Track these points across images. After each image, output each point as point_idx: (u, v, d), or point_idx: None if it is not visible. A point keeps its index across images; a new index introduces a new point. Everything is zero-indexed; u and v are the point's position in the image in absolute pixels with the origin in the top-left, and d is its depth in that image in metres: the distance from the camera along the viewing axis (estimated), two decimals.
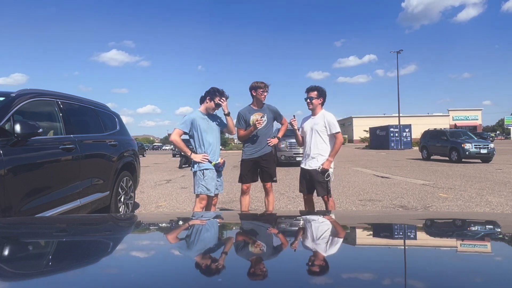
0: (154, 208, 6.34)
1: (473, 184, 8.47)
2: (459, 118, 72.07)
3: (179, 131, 3.95)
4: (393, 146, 34.38)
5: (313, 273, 0.75)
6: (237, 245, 1.04)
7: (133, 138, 6.44)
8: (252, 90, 4.32)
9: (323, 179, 3.96)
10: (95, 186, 4.46)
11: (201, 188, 3.87)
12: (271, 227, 1.33)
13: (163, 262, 0.85)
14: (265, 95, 4.32)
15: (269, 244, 1.05)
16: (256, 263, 0.82)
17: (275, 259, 0.88)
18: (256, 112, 4.34)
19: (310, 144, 4.04)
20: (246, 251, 0.97)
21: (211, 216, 1.86)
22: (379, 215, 1.95)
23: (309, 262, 0.83)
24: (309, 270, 0.76)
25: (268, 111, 4.39)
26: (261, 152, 4.34)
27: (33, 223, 1.51)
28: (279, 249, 0.99)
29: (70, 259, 0.91)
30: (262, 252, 0.95)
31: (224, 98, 3.92)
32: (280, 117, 4.54)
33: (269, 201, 4.48)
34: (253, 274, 0.73)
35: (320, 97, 4.03)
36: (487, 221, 1.42)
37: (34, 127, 3.20)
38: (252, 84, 4.33)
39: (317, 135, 4.00)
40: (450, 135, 16.76)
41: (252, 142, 4.36)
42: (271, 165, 4.42)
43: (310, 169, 4.02)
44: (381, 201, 6.52)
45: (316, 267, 0.79)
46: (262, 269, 0.77)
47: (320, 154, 3.99)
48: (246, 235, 1.21)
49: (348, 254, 0.95)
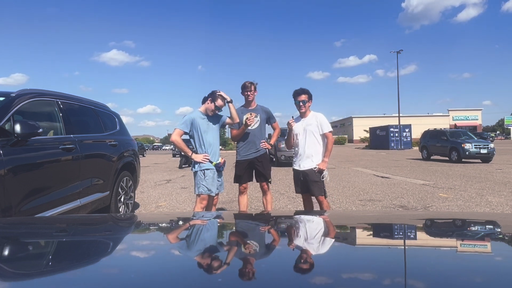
0: (154, 208, 6.34)
1: (473, 184, 8.47)
2: (459, 118, 72.07)
3: (179, 131, 3.96)
4: (393, 146, 34.37)
5: (313, 273, 0.75)
6: (237, 245, 1.04)
7: (133, 138, 6.44)
8: (241, 90, 4.36)
9: (319, 179, 3.97)
10: (95, 186, 4.46)
11: (202, 188, 3.87)
12: (270, 227, 1.33)
13: (163, 262, 0.85)
14: (252, 94, 4.32)
15: (269, 244, 1.05)
16: (256, 263, 0.82)
17: (274, 259, 0.88)
18: (248, 112, 4.36)
19: (304, 145, 4.04)
20: (246, 251, 0.97)
21: (211, 216, 1.86)
22: (379, 215, 1.95)
23: (309, 262, 0.83)
24: (309, 270, 0.76)
25: (261, 111, 4.41)
26: (256, 154, 4.35)
27: (33, 223, 1.51)
28: (279, 249, 0.99)
29: (70, 259, 0.90)
30: (262, 252, 0.95)
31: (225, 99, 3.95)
32: (273, 119, 4.56)
33: (267, 200, 4.50)
34: (253, 274, 0.73)
35: (310, 99, 4.07)
36: (487, 221, 1.42)
37: (34, 127, 3.20)
38: (241, 84, 4.37)
39: (311, 135, 4.01)
40: (450, 135, 16.75)
41: (243, 144, 4.38)
42: (266, 166, 4.43)
43: (304, 169, 4.03)
44: (381, 201, 6.52)
45: (316, 267, 0.79)
46: (262, 269, 0.77)
47: (314, 155, 4.01)
48: (246, 235, 1.21)
49: (348, 254, 0.95)
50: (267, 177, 4.43)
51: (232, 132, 4.43)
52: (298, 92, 4.07)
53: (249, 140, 4.34)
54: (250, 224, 1.44)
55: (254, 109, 4.39)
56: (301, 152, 4.07)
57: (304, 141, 4.04)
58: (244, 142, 4.37)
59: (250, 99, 4.35)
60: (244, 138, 4.35)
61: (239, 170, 4.42)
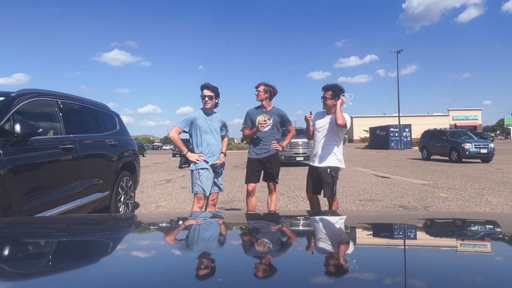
0: (154, 208, 6.34)
1: (473, 184, 8.47)
2: (459, 118, 72.06)
3: (177, 129, 3.98)
4: (393, 146, 34.36)
5: (313, 273, 0.75)
6: (237, 244, 1.04)
7: (133, 138, 6.44)
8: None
9: (331, 180, 3.91)
10: (95, 186, 4.46)
11: (196, 187, 3.89)
12: (271, 227, 1.32)
13: (163, 262, 0.85)
14: (257, 94, 4.30)
15: (269, 244, 1.05)
16: (256, 263, 0.82)
17: (274, 258, 0.88)
18: (263, 114, 4.36)
19: (322, 142, 3.95)
20: (246, 250, 0.97)
21: (211, 216, 1.86)
22: (379, 215, 1.95)
23: (308, 262, 0.83)
24: (309, 269, 0.76)
25: (275, 115, 4.39)
26: (267, 154, 4.37)
27: (33, 223, 1.51)
28: (278, 249, 0.99)
29: (70, 259, 0.90)
30: (262, 252, 0.94)
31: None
32: (287, 123, 4.55)
33: (271, 200, 4.53)
34: (253, 274, 0.73)
35: (335, 97, 3.86)
36: (487, 221, 1.42)
37: (34, 127, 3.20)
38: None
39: (330, 134, 3.91)
40: (450, 135, 16.74)
41: (255, 144, 4.41)
42: (275, 167, 4.46)
43: (319, 166, 3.95)
44: (381, 201, 6.52)
45: (315, 266, 0.79)
46: (262, 269, 0.77)
47: (330, 154, 3.93)
48: (245, 235, 1.20)
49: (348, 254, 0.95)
50: (275, 178, 4.47)
51: (245, 132, 4.50)
52: (325, 87, 3.94)
53: (258, 141, 4.37)
54: (250, 223, 1.44)
55: (269, 112, 4.38)
56: (317, 150, 4.00)
57: (322, 139, 3.95)
58: (255, 143, 4.40)
59: (257, 99, 4.35)
60: (255, 138, 4.39)
61: (250, 168, 4.45)
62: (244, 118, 4.50)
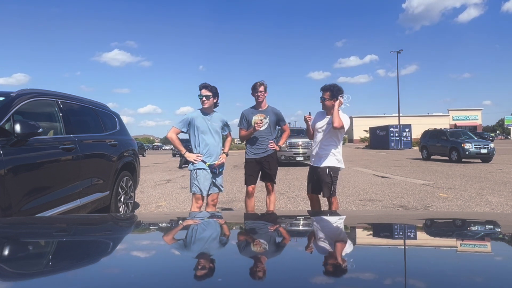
0: (154, 208, 6.34)
1: (473, 184, 8.47)
2: (459, 118, 72.06)
3: (175, 130, 3.99)
4: (393, 146, 34.36)
5: (313, 273, 0.75)
6: (237, 244, 1.04)
7: (133, 138, 6.44)
8: (252, 91, 4.35)
9: (330, 180, 3.92)
10: (95, 186, 4.46)
11: (194, 187, 3.90)
12: (270, 227, 1.32)
13: (163, 262, 0.85)
14: (262, 95, 4.29)
15: (268, 244, 1.05)
16: (256, 262, 0.82)
17: (274, 258, 0.88)
18: (258, 113, 4.34)
19: (321, 143, 3.95)
20: (246, 250, 0.97)
21: (211, 216, 1.86)
22: (379, 215, 1.95)
23: (308, 262, 0.83)
24: (308, 269, 0.76)
25: (272, 114, 4.38)
26: (265, 154, 4.36)
27: (33, 223, 1.51)
28: (278, 248, 0.99)
29: (70, 259, 0.90)
30: (262, 252, 0.94)
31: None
32: (283, 122, 4.54)
33: (270, 200, 4.51)
34: (253, 274, 0.73)
35: (334, 97, 3.87)
36: (487, 221, 1.42)
37: (34, 127, 3.20)
38: (252, 85, 4.35)
39: (330, 134, 3.92)
40: (450, 135, 16.74)
41: (252, 144, 4.39)
42: (273, 167, 4.44)
43: (319, 166, 3.96)
44: (381, 201, 6.52)
45: (315, 266, 0.79)
46: (262, 269, 0.77)
47: (329, 154, 3.93)
48: (245, 235, 1.21)
49: (348, 254, 0.95)
50: (273, 178, 4.45)
51: (241, 133, 4.47)
52: (323, 88, 3.94)
53: (255, 141, 4.36)
54: (250, 224, 1.44)
55: (264, 111, 4.37)
56: (317, 150, 4.01)
57: (322, 139, 3.96)
58: (252, 143, 4.39)
59: (260, 100, 4.33)
60: (252, 138, 4.37)
61: (248, 170, 4.44)
62: (239, 119, 4.48)
